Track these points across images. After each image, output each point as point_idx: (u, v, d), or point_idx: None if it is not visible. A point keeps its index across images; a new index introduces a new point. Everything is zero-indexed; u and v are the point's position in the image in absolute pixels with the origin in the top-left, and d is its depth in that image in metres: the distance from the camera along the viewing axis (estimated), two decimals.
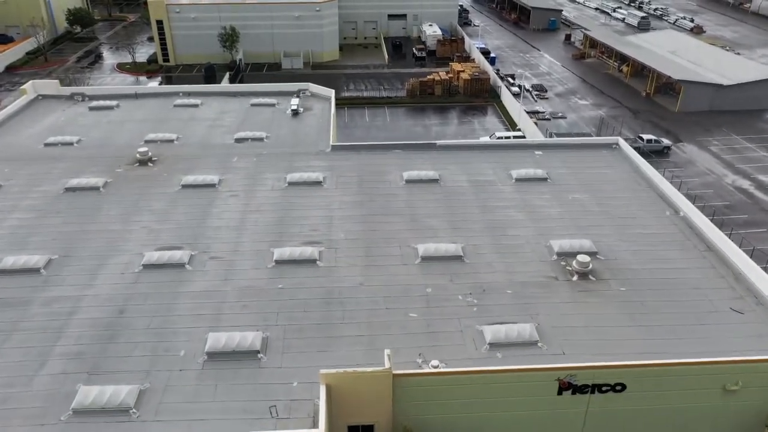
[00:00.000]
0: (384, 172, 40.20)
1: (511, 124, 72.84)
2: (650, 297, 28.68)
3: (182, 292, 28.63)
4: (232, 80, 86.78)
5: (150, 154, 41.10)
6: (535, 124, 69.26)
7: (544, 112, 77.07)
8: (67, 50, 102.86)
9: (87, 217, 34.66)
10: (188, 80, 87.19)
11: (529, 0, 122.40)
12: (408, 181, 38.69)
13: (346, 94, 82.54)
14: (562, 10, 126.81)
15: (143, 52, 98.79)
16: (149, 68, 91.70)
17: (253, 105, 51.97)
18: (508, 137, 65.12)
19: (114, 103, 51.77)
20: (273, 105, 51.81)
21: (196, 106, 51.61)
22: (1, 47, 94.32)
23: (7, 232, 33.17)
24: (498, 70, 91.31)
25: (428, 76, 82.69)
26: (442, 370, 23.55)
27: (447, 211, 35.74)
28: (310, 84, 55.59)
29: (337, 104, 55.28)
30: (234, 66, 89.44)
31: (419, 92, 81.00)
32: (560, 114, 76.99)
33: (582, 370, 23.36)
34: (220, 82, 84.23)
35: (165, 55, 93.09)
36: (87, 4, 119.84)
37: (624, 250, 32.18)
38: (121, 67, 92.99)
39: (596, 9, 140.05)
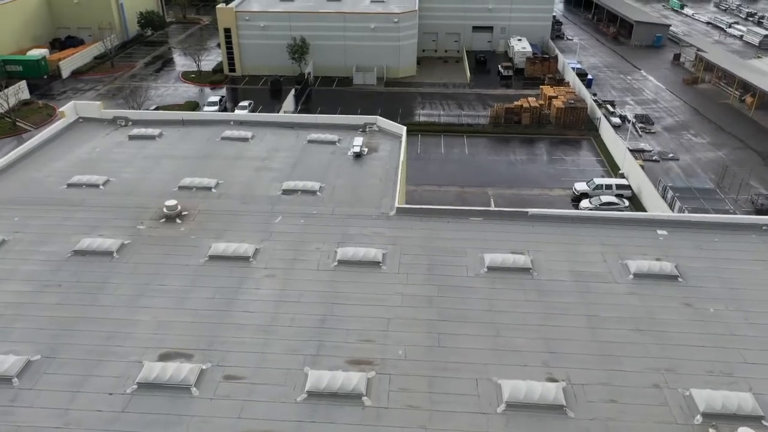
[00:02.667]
0: (460, 250, 31.68)
1: (612, 166, 62.21)
2: None
3: None
4: (298, 95, 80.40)
5: (179, 208, 34.39)
6: (641, 167, 58.58)
7: (651, 151, 65.80)
8: (137, 54, 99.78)
9: (89, 295, 28.15)
10: (253, 93, 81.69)
11: (632, 13, 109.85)
12: (490, 269, 30.03)
13: (421, 119, 74.34)
14: (670, 25, 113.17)
15: (210, 60, 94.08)
16: (214, 78, 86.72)
17: (310, 141, 44.66)
18: (610, 186, 54.99)
19: (156, 131, 45.79)
20: (333, 143, 44.29)
21: (246, 140, 44.85)
22: (70, 50, 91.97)
23: None
24: (595, 94, 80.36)
25: (515, 102, 73.06)
26: None
27: (541, 321, 26.88)
28: (378, 117, 47.71)
29: (409, 131, 47.35)
30: (302, 80, 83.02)
31: (504, 120, 71.51)
32: (671, 155, 65.43)
33: None
34: (285, 97, 78.13)
35: (231, 64, 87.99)
36: (161, 6, 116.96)
37: None
38: (185, 77, 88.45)
39: (708, 24, 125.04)
